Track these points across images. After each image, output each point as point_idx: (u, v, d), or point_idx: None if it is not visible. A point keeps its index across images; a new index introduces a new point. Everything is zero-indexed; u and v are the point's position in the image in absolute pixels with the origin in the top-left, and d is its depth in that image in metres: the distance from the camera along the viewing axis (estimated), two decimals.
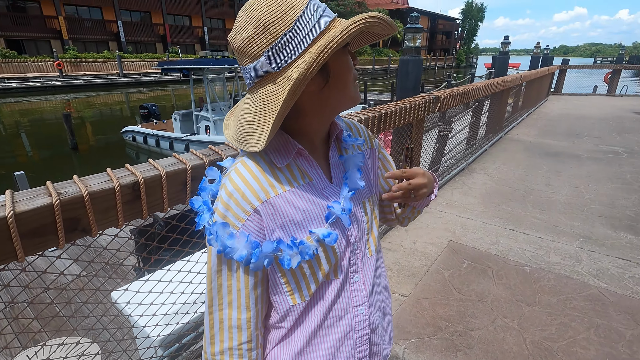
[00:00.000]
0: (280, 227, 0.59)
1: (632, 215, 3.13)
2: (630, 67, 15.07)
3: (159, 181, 0.89)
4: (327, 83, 0.58)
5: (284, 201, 0.60)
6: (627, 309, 1.99)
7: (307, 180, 0.63)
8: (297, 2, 0.52)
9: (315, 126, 0.63)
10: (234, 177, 0.59)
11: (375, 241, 0.72)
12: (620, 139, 5.87)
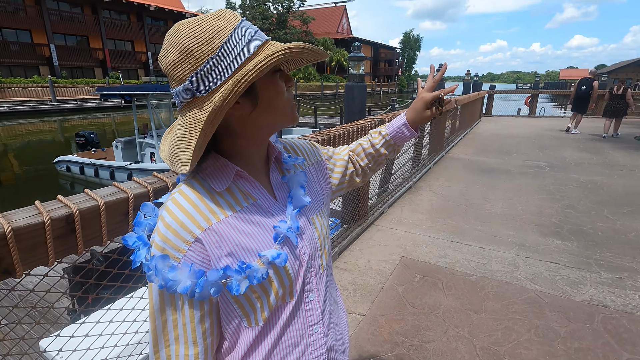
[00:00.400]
0: (227, 254, 0.58)
1: (557, 222, 3.49)
2: (546, 92, 17.22)
3: (97, 212, 0.84)
4: (256, 107, 0.58)
5: (228, 226, 0.58)
6: (559, 309, 2.18)
7: (251, 202, 0.62)
8: (222, 28, 0.53)
9: (252, 148, 0.64)
10: (171, 207, 0.57)
11: (327, 256, 0.72)
12: (542, 155, 6.58)
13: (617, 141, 8.01)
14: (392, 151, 0.90)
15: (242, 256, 0.58)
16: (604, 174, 5.20)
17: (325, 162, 0.84)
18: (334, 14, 52.68)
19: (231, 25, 0.53)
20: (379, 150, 0.88)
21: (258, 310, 0.61)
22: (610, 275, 2.56)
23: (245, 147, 0.63)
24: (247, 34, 0.54)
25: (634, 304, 2.23)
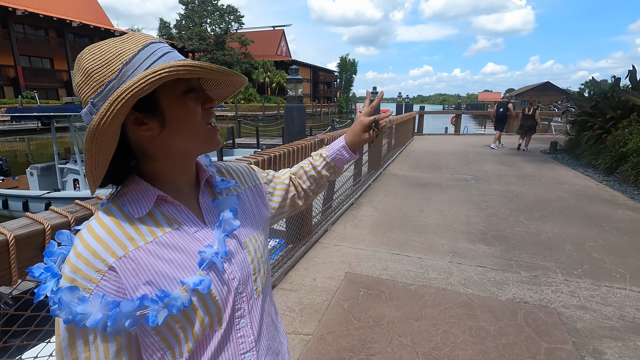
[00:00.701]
0: (145, 283, 0.54)
1: (482, 229, 3.84)
2: (467, 112, 19.17)
3: (5, 248, 0.75)
4: (164, 128, 0.56)
5: (147, 253, 0.55)
6: (489, 309, 2.38)
7: (175, 227, 0.60)
8: (126, 49, 0.52)
9: (173, 172, 0.62)
10: (85, 234, 0.54)
11: (262, 280, 0.70)
12: (468, 169, 7.25)
13: (528, 155, 9.14)
14: (333, 173, 0.90)
15: (163, 284, 0.55)
16: (518, 184, 5.87)
17: (263, 185, 0.83)
18: (273, 37, 53.70)
19: (136, 47, 0.53)
20: (321, 172, 0.89)
21: (182, 342, 0.57)
22: (528, 274, 2.86)
23: (165, 170, 0.61)
24: (155, 54, 0.53)
25: (548, 297, 2.52)
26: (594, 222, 4.03)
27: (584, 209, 4.56)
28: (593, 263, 3.03)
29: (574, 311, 2.35)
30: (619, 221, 4.08)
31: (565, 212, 4.39)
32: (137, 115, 0.54)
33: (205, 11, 42.05)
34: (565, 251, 3.27)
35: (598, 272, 2.88)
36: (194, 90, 0.58)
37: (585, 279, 2.78)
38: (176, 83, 0.55)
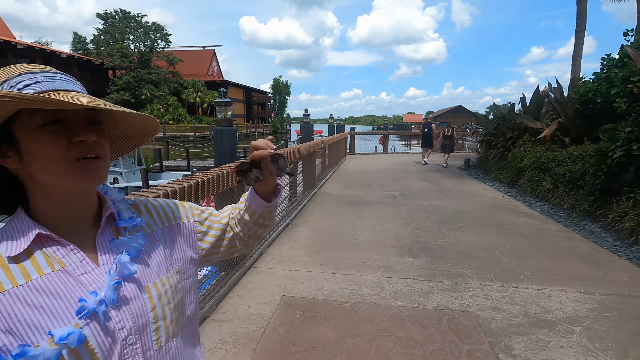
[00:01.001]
0: (6, 331, 0.49)
1: (410, 242, 4.10)
2: (394, 133, 20.62)
3: None
4: (22, 160, 0.54)
5: (13, 299, 0.50)
6: (417, 319, 2.53)
7: (58, 268, 0.54)
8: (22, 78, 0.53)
9: (53, 207, 0.57)
10: None
11: (168, 329, 0.62)
12: (396, 186, 7.74)
13: (447, 171, 10.07)
14: (256, 219, 0.79)
15: (27, 335, 0.49)
16: (439, 199, 6.42)
17: (192, 224, 0.75)
18: (203, 57, 52.56)
19: (12, 73, 0.53)
20: (243, 217, 0.79)
21: None
22: (450, 281, 3.11)
23: (46, 205, 0.57)
24: (19, 85, 0.52)
25: (467, 302, 2.76)
26: (502, 230, 4.56)
27: (493, 218, 5.13)
28: (502, 267, 3.41)
29: (489, 312, 2.60)
30: (520, 227, 4.67)
31: (479, 222, 4.90)
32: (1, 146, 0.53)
33: (127, 27, 39.71)
34: (480, 258, 3.63)
35: (506, 274, 3.24)
36: (59, 122, 0.54)
37: (496, 282, 3.10)
38: (33, 114, 0.52)
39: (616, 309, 2.64)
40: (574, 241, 4.14)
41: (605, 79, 5.86)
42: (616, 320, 2.49)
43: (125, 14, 39.85)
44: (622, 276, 3.20)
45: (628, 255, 3.67)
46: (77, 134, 0.54)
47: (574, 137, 6.67)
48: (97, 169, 0.57)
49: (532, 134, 7.86)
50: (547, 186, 6.04)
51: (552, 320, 2.49)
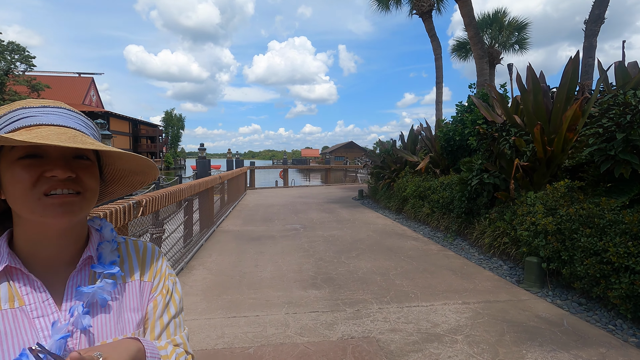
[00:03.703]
0: None
1: (313, 274, 4.13)
2: (293, 167, 21.19)
3: None
4: (2, 191, 0.56)
5: None
6: (322, 353, 2.50)
7: (16, 306, 0.53)
8: (18, 114, 0.55)
9: (28, 240, 0.57)
10: None
11: None
12: (297, 218, 7.85)
13: (343, 202, 10.70)
14: None
15: None
16: (338, 228, 6.72)
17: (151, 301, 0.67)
18: (79, 84, 46.58)
19: (8, 109, 0.56)
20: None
21: None
22: (352, 309, 3.20)
23: (22, 237, 0.57)
24: (10, 120, 0.55)
25: (369, 328, 2.86)
26: (393, 254, 4.97)
27: (386, 243, 5.58)
28: (396, 289, 3.68)
29: (388, 335, 2.74)
30: (408, 250, 5.17)
31: (374, 249, 5.26)
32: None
33: None
34: (377, 282, 3.86)
35: (400, 295, 3.50)
36: (35, 157, 0.54)
37: (392, 304, 3.32)
38: (12, 149, 0.54)
39: (486, 314, 3.07)
40: (450, 258, 4.76)
41: (460, 121, 7.17)
42: (487, 324, 2.89)
43: None
44: (487, 285, 3.77)
45: (490, 266, 4.38)
46: (49, 169, 0.53)
47: (442, 168, 7.88)
48: (66, 204, 0.54)
49: (411, 167, 9.01)
50: (426, 211, 6.91)
51: (440, 333, 2.75)
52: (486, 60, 10.13)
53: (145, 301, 0.66)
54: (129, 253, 0.68)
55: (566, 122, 4.21)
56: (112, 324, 0.59)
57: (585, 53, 9.17)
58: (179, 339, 0.67)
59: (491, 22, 18.63)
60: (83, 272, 0.60)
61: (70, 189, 0.55)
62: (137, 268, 0.67)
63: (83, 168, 0.57)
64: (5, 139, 0.48)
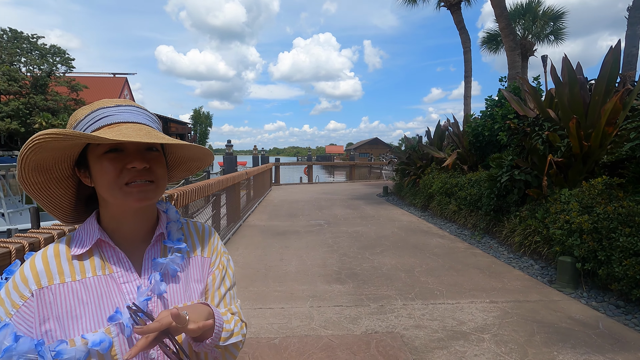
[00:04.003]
0: (55, 317, 0.59)
1: (337, 269, 4.16)
2: (318, 163, 21.29)
3: None
4: (91, 180, 0.65)
5: (68, 291, 0.60)
6: (346, 346, 2.52)
7: (107, 272, 0.64)
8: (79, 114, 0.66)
9: (113, 219, 0.67)
10: (25, 264, 0.61)
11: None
12: (321, 214, 7.90)
13: (367, 198, 10.65)
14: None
15: (68, 326, 0.58)
16: (362, 225, 6.71)
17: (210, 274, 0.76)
18: (114, 84, 48.68)
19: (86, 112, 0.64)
20: None
21: None
22: (376, 304, 3.21)
23: (108, 217, 0.67)
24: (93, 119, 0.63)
25: (392, 323, 2.86)
26: (418, 251, 4.91)
27: (410, 240, 5.52)
28: (421, 286, 3.64)
29: (412, 331, 2.73)
30: (434, 247, 5.09)
31: (398, 245, 5.22)
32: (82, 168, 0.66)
33: (18, 48, 35.12)
34: (401, 279, 3.84)
35: (425, 292, 3.47)
36: (116, 151, 0.62)
37: (417, 300, 3.29)
38: (98, 145, 0.62)
39: (515, 313, 2.99)
40: (478, 256, 4.65)
41: (489, 116, 6.95)
42: (516, 324, 2.81)
43: (17, 34, 35.31)
44: (516, 284, 3.66)
45: (520, 265, 4.24)
46: (130, 161, 0.62)
47: (470, 164, 7.67)
48: (143, 192, 0.63)
49: (437, 163, 8.83)
50: (453, 209, 6.76)
51: (466, 331, 2.70)
52: (518, 53, 9.73)
53: (205, 274, 0.75)
54: (190, 232, 0.77)
55: (605, 116, 3.99)
56: (181, 292, 0.69)
57: (627, 42, 8.62)
58: (234, 308, 0.77)
59: (524, 12, 17.81)
60: (156, 247, 0.69)
61: (145, 178, 0.64)
62: (198, 245, 0.76)
63: (154, 159, 0.66)
64: (99, 138, 0.57)
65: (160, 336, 0.54)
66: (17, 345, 0.54)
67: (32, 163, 0.60)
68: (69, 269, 0.62)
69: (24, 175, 0.62)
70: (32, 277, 0.59)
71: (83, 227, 0.67)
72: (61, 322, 0.58)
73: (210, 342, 0.64)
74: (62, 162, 0.66)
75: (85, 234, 0.65)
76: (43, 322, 0.58)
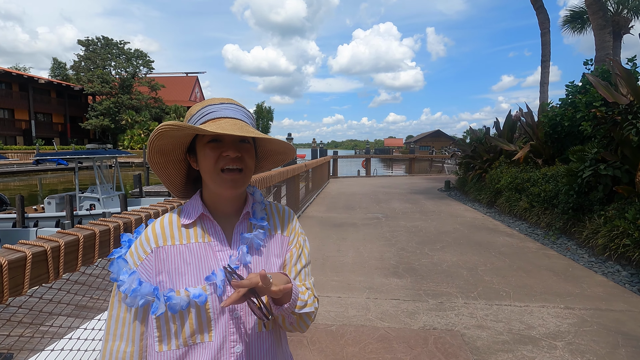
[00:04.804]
0: (166, 271, 0.72)
1: (394, 263, 4.11)
2: (376, 156, 20.99)
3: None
4: (197, 164, 0.78)
5: (177, 252, 0.74)
6: (403, 339, 2.51)
7: (206, 241, 0.76)
8: (193, 109, 0.79)
9: (212, 198, 0.80)
10: (149, 227, 0.77)
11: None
12: (379, 208, 7.82)
13: (428, 193, 10.27)
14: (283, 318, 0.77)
15: (175, 279, 0.71)
16: (421, 220, 6.51)
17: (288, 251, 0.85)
18: (186, 82, 52.83)
19: (198, 107, 0.78)
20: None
21: (172, 338, 0.70)
22: (435, 301, 3.12)
23: (208, 195, 0.80)
24: (203, 113, 0.76)
25: (452, 321, 2.76)
26: (483, 249, 4.64)
27: (474, 238, 5.23)
28: (485, 285, 3.45)
29: (474, 331, 2.61)
30: (500, 246, 4.77)
31: (460, 242, 4.98)
32: (191, 154, 0.80)
33: (109, 54, 39.72)
34: (463, 277, 3.67)
35: (489, 292, 3.28)
36: (216, 141, 0.75)
37: (480, 300, 3.13)
38: (204, 135, 0.75)
39: (595, 322, 2.70)
40: (552, 258, 4.26)
41: (570, 104, 6.25)
42: (596, 334, 2.54)
43: (108, 41, 39.95)
44: (598, 291, 3.29)
45: (603, 270, 3.80)
46: (225, 150, 0.74)
47: (546, 158, 6.99)
48: (234, 180, 0.75)
49: (507, 156, 8.19)
50: (524, 206, 6.24)
51: (535, 336, 2.52)
52: (609, 31, 8.56)
53: (284, 251, 0.84)
54: (272, 213, 0.87)
55: None
56: (262, 263, 0.79)
57: None
58: (308, 284, 0.83)
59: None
60: (244, 223, 0.81)
61: (236, 165, 0.74)
62: (278, 225, 0.86)
63: (245, 150, 0.77)
64: (202, 130, 0.70)
65: (248, 294, 0.64)
66: (141, 288, 0.69)
67: (157, 147, 0.75)
68: (178, 235, 0.75)
69: (151, 157, 0.77)
70: (152, 238, 0.75)
71: (190, 203, 0.80)
72: (170, 276, 0.72)
73: (287, 307, 0.71)
74: (178, 148, 0.80)
75: (192, 208, 0.79)
76: (158, 273, 0.72)
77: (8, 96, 31.91)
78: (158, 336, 0.70)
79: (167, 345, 0.70)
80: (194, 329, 0.70)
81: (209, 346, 0.70)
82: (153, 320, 0.71)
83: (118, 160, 12.46)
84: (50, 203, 10.01)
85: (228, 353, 0.71)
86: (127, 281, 0.70)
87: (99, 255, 1.06)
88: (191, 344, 0.70)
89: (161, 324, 0.70)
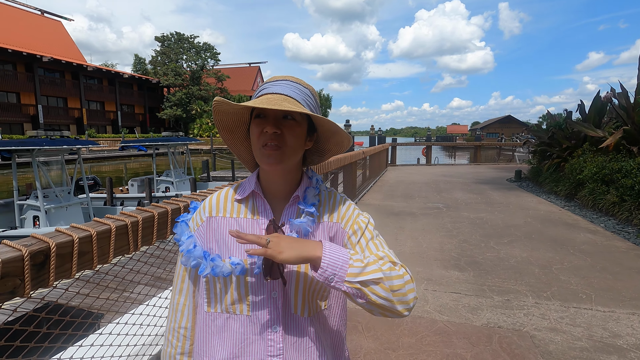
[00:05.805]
0: (215, 240, 0.78)
1: (456, 256, 3.91)
2: (437, 144, 19.98)
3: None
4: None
5: (227, 223, 0.78)
6: (464, 335, 2.38)
7: (255, 217, 0.78)
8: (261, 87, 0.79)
9: (265, 176, 0.80)
10: (208, 197, 0.83)
11: (305, 304, 0.76)
12: (439, 197, 7.46)
13: (494, 183, 9.54)
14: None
15: (223, 248, 0.76)
16: (487, 211, 6.08)
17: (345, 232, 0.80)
18: (249, 73, 55.03)
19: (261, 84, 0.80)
20: None
21: (218, 300, 0.76)
22: (501, 298, 2.91)
23: (263, 173, 0.81)
24: (258, 90, 0.79)
25: (521, 321, 2.55)
26: (559, 246, 4.20)
27: (549, 233, 4.75)
28: (560, 285, 3.13)
29: (546, 333, 2.39)
30: (581, 244, 4.27)
31: (532, 237, 4.56)
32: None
33: (181, 48, 42.77)
34: (534, 274, 3.37)
35: (565, 293, 2.97)
36: (260, 117, 0.74)
37: (554, 300, 2.85)
38: (253, 111, 0.76)
39: None
40: None
41: None
42: None
43: (180, 36, 43.02)
44: None
45: None
46: (265, 125, 0.73)
47: None
48: (272, 156, 0.73)
49: (592, 143, 7.25)
50: (612, 199, 5.50)
51: (621, 346, 2.23)
52: None
53: (338, 240, 0.80)
54: (326, 200, 0.83)
55: None
56: None
57: None
58: (381, 253, 0.73)
59: None
60: (293, 207, 0.80)
61: (274, 142, 0.72)
62: (329, 212, 0.81)
63: (288, 127, 0.73)
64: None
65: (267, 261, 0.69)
66: (194, 250, 0.75)
67: (219, 123, 0.80)
68: (230, 208, 0.80)
69: (220, 132, 0.83)
70: (208, 208, 0.81)
71: (247, 179, 0.83)
72: (219, 245, 0.77)
73: (319, 275, 0.64)
74: (241, 125, 0.83)
75: (247, 185, 0.81)
76: (208, 241, 0.78)
77: (100, 90, 36.04)
78: (207, 297, 0.77)
79: (214, 308, 0.76)
80: (234, 298, 0.74)
81: (249, 320, 0.74)
82: (203, 282, 0.77)
83: (189, 147, 13.51)
84: (133, 185, 11.03)
85: (266, 331, 0.73)
86: (185, 243, 0.77)
87: (171, 232, 1.15)
88: (232, 312, 0.75)
89: (210, 287, 0.76)
